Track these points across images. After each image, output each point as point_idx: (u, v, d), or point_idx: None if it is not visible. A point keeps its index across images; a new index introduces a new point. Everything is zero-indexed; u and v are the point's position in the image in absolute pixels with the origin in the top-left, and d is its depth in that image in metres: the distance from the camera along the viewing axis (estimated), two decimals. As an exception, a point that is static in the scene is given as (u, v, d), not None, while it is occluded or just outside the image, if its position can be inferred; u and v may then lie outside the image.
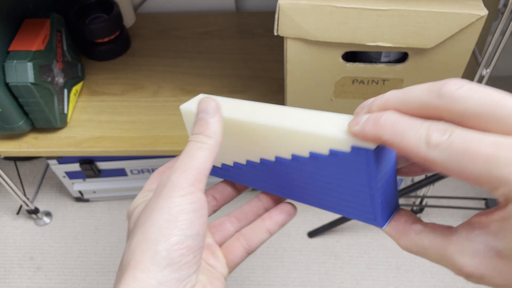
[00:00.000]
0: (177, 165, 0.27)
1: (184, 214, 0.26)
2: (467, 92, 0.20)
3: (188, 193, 0.26)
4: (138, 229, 0.26)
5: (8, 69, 0.65)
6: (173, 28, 0.94)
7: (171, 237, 0.25)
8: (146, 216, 0.26)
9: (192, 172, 0.27)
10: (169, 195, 0.26)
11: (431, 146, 0.20)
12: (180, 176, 0.26)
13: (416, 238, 0.25)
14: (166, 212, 0.26)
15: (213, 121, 0.29)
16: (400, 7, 0.50)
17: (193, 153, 0.28)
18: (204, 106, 0.29)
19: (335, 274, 0.91)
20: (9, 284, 0.93)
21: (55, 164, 0.91)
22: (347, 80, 0.60)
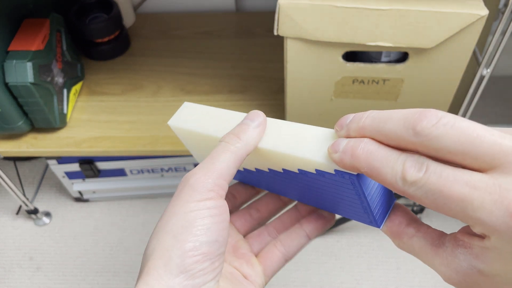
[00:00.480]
0: (199, 165, 0.27)
1: (200, 219, 0.25)
2: (443, 130, 0.20)
3: (206, 198, 0.26)
4: (156, 234, 0.26)
5: (7, 69, 0.65)
6: (173, 28, 0.94)
7: (186, 244, 0.24)
8: (164, 221, 0.26)
9: (212, 176, 0.26)
10: (186, 200, 0.25)
11: (407, 183, 0.21)
12: (199, 180, 0.26)
13: (408, 242, 0.26)
14: (182, 219, 0.25)
15: (253, 128, 0.28)
16: (400, 7, 0.50)
17: (218, 155, 0.27)
18: (252, 116, 0.29)
19: (335, 274, 0.91)
20: (9, 284, 0.93)
21: (54, 164, 0.91)
22: (347, 80, 0.60)
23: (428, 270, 0.90)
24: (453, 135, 0.20)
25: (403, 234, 0.26)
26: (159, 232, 0.26)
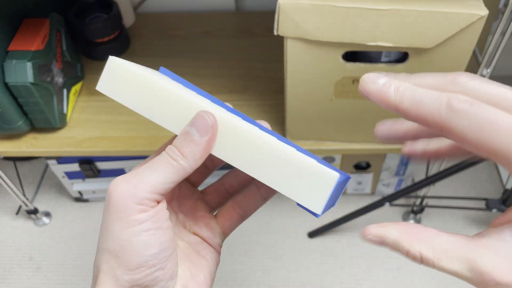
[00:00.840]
0: (130, 174, 0.24)
1: (136, 237, 0.24)
2: (478, 84, 0.21)
3: (136, 212, 0.24)
4: (99, 248, 0.25)
5: (7, 69, 0.65)
6: (173, 28, 0.94)
7: (130, 263, 0.24)
8: (103, 238, 0.25)
9: (144, 189, 0.24)
10: (116, 216, 0.24)
11: (452, 110, 0.20)
12: (128, 192, 0.24)
13: (435, 240, 0.22)
14: (117, 237, 0.24)
15: (199, 142, 0.25)
16: (400, 7, 0.50)
17: (157, 167, 0.25)
18: (199, 122, 0.25)
19: (335, 275, 0.91)
20: (9, 284, 0.93)
21: (54, 164, 0.91)
22: (347, 80, 0.60)
23: (428, 270, 0.90)
24: (487, 89, 0.21)
25: (427, 232, 0.23)
26: (101, 248, 0.25)
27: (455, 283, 0.88)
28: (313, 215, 0.26)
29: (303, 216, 0.99)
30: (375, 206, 0.86)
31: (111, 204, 0.24)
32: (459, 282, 0.88)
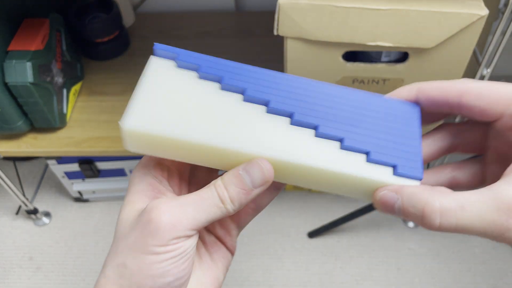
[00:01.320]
0: (177, 204, 0.24)
1: (157, 264, 0.24)
2: None
3: (171, 244, 0.24)
4: (114, 258, 0.25)
5: (7, 69, 0.65)
6: (173, 28, 0.94)
7: (141, 286, 0.24)
8: (123, 249, 0.25)
9: (186, 225, 0.24)
10: (147, 242, 0.24)
11: (466, 81, 0.25)
12: (169, 224, 0.23)
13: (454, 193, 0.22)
14: (140, 258, 0.24)
15: (250, 192, 0.24)
16: (400, 7, 0.50)
17: (203, 204, 0.24)
18: (255, 171, 0.24)
19: (335, 275, 0.91)
20: (9, 284, 0.93)
21: (54, 164, 0.91)
22: (347, 80, 0.60)
23: (428, 270, 0.90)
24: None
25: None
26: (116, 260, 0.25)
27: (455, 282, 0.88)
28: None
29: (303, 216, 0.99)
30: (375, 206, 0.86)
31: (150, 227, 0.23)
32: (458, 281, 0.88)
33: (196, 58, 0.27)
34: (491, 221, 0.21)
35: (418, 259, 0.92)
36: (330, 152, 0.25)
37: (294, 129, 0.26)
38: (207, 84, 0.27)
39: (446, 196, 0.22)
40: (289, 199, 1.02)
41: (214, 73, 0.27)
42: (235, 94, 0.27)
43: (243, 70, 0.28)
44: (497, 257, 0.91)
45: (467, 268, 0.90)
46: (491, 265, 0.90)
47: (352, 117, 0.27)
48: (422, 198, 0.22)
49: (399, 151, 0.26)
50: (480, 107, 0.25)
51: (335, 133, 0.26)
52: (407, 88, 0.27)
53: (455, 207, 0.21)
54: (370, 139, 0.26)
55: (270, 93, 0.27)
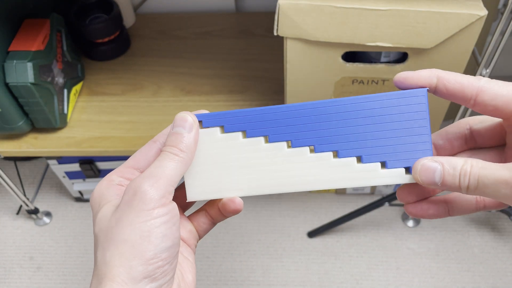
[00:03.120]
0: (147, 173, 0.27)
1: (155, 228, 0.26)
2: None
3: (159, 205, 0.26)
4: (111, 243, 0.26)
5: (8, 69, 0.65)
6: (173, 28, 0.94)
7: (146, 253, 0.26)
8: (119, 230, 0.26)
9: (163, 183, 0.27)
10: (140, 209, 0.26)
11: (482, 80, 0.26)
12: (152, 187, 0.26)
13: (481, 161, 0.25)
14: (138, 228, 0.26)
15: (188, 136, 0.29)
16: (400, 7, 0.50)
17: (165, 163, 0.28)
18: (181, 121, 0.29)
19: (335, 274, 0.91)
20: (9, 284, 0.93)
21: (55, 164, 0.91)
22: (347, 80, 0.60)
23: (428, 270, 0.91)
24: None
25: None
26: (115, 240, 0.26)
27: (454, 282, 0.88)
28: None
29: (303, 216, 0.99)
30: (375, 206, 0.86)
31: (136, 198, 0.26)
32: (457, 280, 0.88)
33: (217, 117, 0.31)
34: (503, 180, 0.24)
35: (418, 259, 0.92)
36: (352, 171, 0.30)
37: (317, 156, 0.30)
38: (232, 136, 0.31)
39: (475, 160, 0.26)
40: (289, 199, 1.02)
41: (238, 128, 0.31)
42: (260, 137, 0.31)
43: (260, 114, 0.31)
44: (496, 256, 0.92)
45: (466, 268, 0.90)
46: (490, 265, 0.91)
47: (364, 131, 0.29)
48: (459, 163, 0.26)
49: (411, 153, 0.29)
50: (495, 106, 0.26)
51: (352, 153, 0.30)
52: (427, 73, 0.28)
53: (478, 167, 0.25)
54: (384, 149, 0.29)
55: (290, 131, 0.30)
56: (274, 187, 0.30)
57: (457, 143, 0.31)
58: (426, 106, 0.28)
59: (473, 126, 0.30)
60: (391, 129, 0.29)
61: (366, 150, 0.29)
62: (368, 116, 0.29)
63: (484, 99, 0.26)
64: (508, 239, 0.93)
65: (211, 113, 0.31)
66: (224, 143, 0.31)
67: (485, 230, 0.95)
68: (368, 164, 0.29)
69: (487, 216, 0.97)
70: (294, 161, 0.30)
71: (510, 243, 0.93)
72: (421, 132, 0.29)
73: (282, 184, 0.30)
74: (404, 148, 0.29)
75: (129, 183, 0.27)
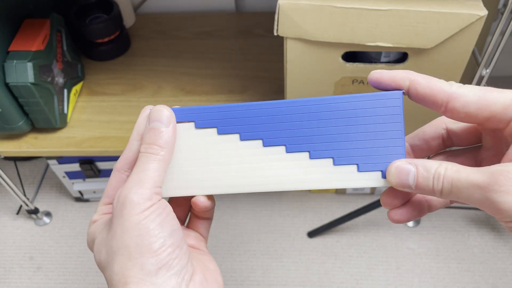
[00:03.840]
0: (130, 181, 0.27)
1: (151, 222, 0.26)
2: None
3: (148, 206, 0.27)
4: (115, 255, 0.27)
5: (8, 69, 0.65)
6: (173, 28, 0.94)
7: (152, 246, 0.26)
8: (117, 241, 0.27)
9: (147, 186, 0.27)
10: (131, 214, 0.26)
11: (454, 85, 0.26)
12: (137, 194, 0.27)
13: (457, 165, 0.25)
14: (135, 229, 0.26)
15: (166, 130, 0.29)
16: (400, 7, 0.50)
17: (147, 166, 0.28)
18: (157, 115, 0.29)
19: (335, 274, 0.91)
20: (9, 284, 0.93)
21: (55, 164, 0.91)
22: (347, 80, 0.60)
23: (428, 270, 0.91)
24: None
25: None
26: (118, 250, 0.26)
27: (454, 282, 0.89)
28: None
29: (302, 216, 0.99)
30: (375, 206, 0.86)
31: (125, 207, 0.27)
32: (458, 281, 0.88)
33: (191, 112, 0.30)
34: (476, 184, 0.24)
35: (418, 259, 0.92)
36: (324, 172, 0.29)
37: (290, 156, 0.29)
38: (206, 132, 0.30)
39: (451, 164, 0.26)
40: (289, 199, 1.02)
41: (210, 124, 0.30)
42: (233, 135, 0.30)
43: (232, 110, 0.30)
44: (496, 256, 0.92)
45: (466, 268, 0.90)
46: (490, 265, 0.91)
47: (338, 132, 0.29)
48: (433, 166, 0.26)
49: (384, 156, 0.28)
50: (466, 113, 0.26)
51: (326, 154, 0.29)
52: (401, 75, 0.27)
53: (453, 171, 0.25)
54: (357, 151, 0.29)
55: (261, 129, 0.30)
56: (248, 186, 0.30)
57: (434, 143, 0.31)
58: (401, 109, 0.28)
59: (448, 126, 0.30)
60: (364, 131, 0.28)
61: (338, 152, 0.29)
62: (341, 117, 0.29)
63: (455, 106, 0.26)
64: (508, 239, 0.93)
65: (184, 107, 0.30)
66: (199, 139, 0.30)
67: (485, 230, 0.95)
68: (342, 166, 0.29)
69: (487, 216, 0.97)
70: (267, 160, 0.30)
71: (510, 243, 0.93)
72: (395, 135, 0.28)
73: (255, 183, 0.30)
74: (377, 151, 0.28)
75: (116, 196, 0.28)
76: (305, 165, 0.29)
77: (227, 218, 1.00)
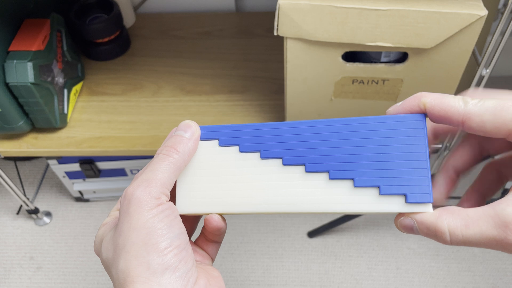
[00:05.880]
0: (139, 179, 0.28)
1: (159, 222, 0.26)
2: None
3: (156, 205, 0.27)
4: (121, 252, 0.26)
5: (8, 69, 0.65)
6: (173, 28, 0.94)
7: (158, 245, 0.26)
8: (124, 238, 0.27)
9: (155, 185, 0.27)
10: (138, 212, 0.26)
11: (468, 104, 0.25)
12: (145, 191, 0.27)
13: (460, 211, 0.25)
14: (143, 227, 0.26)
15: (187, 140, 0.30)
16: (400, 7, 0.50)
17: (157, 166, 0.28)
18: (184, 126, 0.30)
19: (335, 274, 0.91)
20: (9, 284, 0.93)
21: (55, 164, 0.91)
22: (347, 80, 0.60)
23: (428, 270, 0.91)
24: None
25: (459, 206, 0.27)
26: (124, 247, 0.26)
27: (455, 282, 0.88)
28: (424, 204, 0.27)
29: (302, 216, 0.99)
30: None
31: (132, 205, 0.27)
32: (458, 281, 0.88)
33: (215, 130, 0.31)
34: (492, 238, 0.24)
35: (418, 259, 0.92)
36: (344, 194, 0.28)
37: (310, 176, 0.29)
38: (228, 150, 0.31)
39: (453, 216, 0.25)
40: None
41: (232, 141, 0.31)
42: (253, 153, 0.30)
43: (256, 129, 0.31)
44: (496, 256, 0.92)
45: (466, 268, 0.90)
46: (491, 265, 0.91)
47: (359, 153, 0.28)
48: (433, 222, 0.26)
49: (408, 179, 0.27)
50: (484, 132, 0.25)
51: (345, 175, 0.28)
52: (414, 102, 0.27)
53: (460, 227, 0.25)
54: (379, 172, 0.28)
55: (281, 148, 0.30)
56: (263, 205, 0.29)
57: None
58: (425, 131, 0.27)
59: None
60: (387, 153, 0.28)
61: (359, 172, 0.28)
62: (363, 137, 0.28)
63: (472, 126, 0.25)
64: (508, 239, 0.93)
65: (209, 126, 0.31)
66: (220, 156, 0.31)
67: (485, 230, 0.95)
68: (363, 189, 0.28)
69: (487, 216, 0.97)
70: (286, 179, 0.29)
71: (510, 243, 0.93)
72: (419, 157, 0.27)
73: (273, 202, 0.29)
74: (401, 173, 0.27)
75: (123, 194, 0.28)
76: (324, 185, 0.29)
77: (228, 218, 1.00)
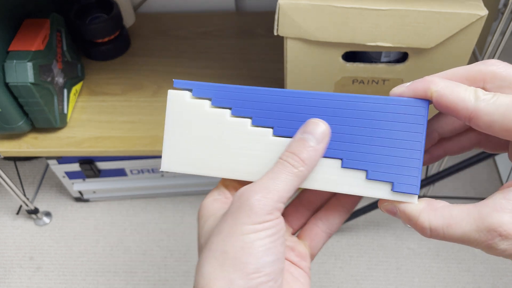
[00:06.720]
0: (258, 185, 0.26)
1: (259, 241, 0.24)
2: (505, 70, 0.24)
3: (264, 221, 0.25)
4: (211, 254, 0.25)
5: (8, 69, 0.65)
6: (173, 28, 0.94)
7: (247, 266, 0.24)
8: (219, 241, 0.25)
9: (273, 198, 0.25)
10: (244, 221, 0.25)
11: (479, 99, 0.23)
12: (260, 202, 0.25)
13: (444, 210, 0.24)
14: (241, 240, 0.24)
15: (315, 147, 0.26)
16: (400, 7, 0.50)
17: (280, 175, 0.26)
18: (312, 128, 0.26)
19: (335, 274, 0.91)
20: (9, 284, 0.93)
21: (55, 164, 0.91)
22: (347, 80, 0.60)
23: (428, 270, 0.91)
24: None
25: (436, 204, 0.25)
26: (215, 251, 0.25)
27: (455, 282, 0.88)
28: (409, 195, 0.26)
29: (303, 216, 0.99)
30: (375, 206, 0.86)
31: (242, 210, 0.25)
32: (458, 281, 0.88)
33: (209, 89, 0.29)
34: (473, 240, 0.23)
35: (418, 259, 0.92)
36: (331, 173, 0.27)
37: None
38: (220, 112, 0.29)
39: (436, 213, 0.24)
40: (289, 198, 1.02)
41: (225, 103, 0.29)
42: (245, 119, 0.29)
43: (251, 93, 0.29)
44: (496, 256, 0.91)
45: (466, 268, 0.90)
46: (491, 265, 0.91)
47: (353, 133, 0.27)
48: (415, 215, 0.25)
49: (397, 167, 0.26)
50: (492, 132, 0.23)
51: (335, 154, 0.27)
52: (422, 86, 0.25)
53: (441, 225, 0.24)
54: (369, 156, 0.27)
55: (274, 117, 0.28)
56: (250, 175, 0.28)
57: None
58: (425, 119, 0.26)
59: None
60: (381, 136, 0.26)
61: (349, 154, 0.27)
62: (357, 117, 0.27)
63: (478, 124, 0.23)
64: (508, 239, 0.93)
65: (203, 83, 0.29)
66: (210, 117, 0.29)
67: (485, 230, 0.95)
68: (350, 170, 0.27)
69: (487, 216, 0.97)
70: (274, 150, 0.28)
71: (510, 243, 0.93)
72: (413, 147, 0.26)
73: (259, 173, 0.28)
74: (391, 160, 0.26)
75: (238, 192, 0.26)
76: None
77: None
